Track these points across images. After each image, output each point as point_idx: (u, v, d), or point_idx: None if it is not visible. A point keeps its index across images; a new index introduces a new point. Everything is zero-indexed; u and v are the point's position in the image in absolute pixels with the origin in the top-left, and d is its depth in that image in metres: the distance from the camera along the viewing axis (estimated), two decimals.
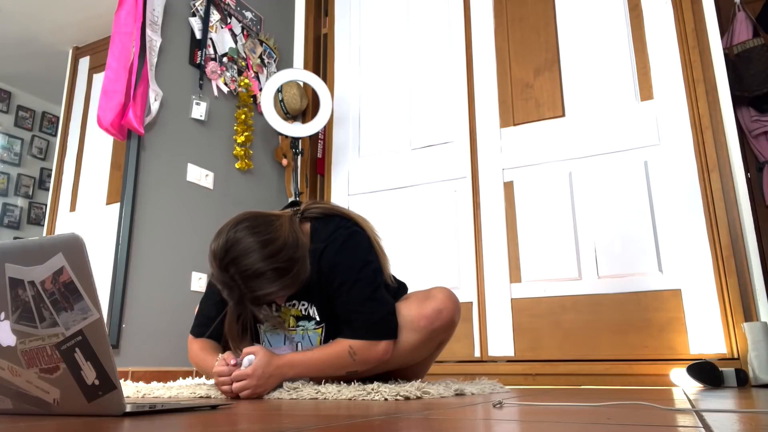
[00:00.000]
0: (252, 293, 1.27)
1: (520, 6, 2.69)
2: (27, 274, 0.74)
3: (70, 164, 2.40)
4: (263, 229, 1.30)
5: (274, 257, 1.26)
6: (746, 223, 2.08)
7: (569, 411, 0.87)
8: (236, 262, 1.25)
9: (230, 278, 1.26)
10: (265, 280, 1.26)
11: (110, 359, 0.74)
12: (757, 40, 2.82)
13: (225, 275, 1.26)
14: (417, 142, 2.78)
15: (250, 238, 1.27)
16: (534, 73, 2.59)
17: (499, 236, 2.47)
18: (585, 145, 2.41)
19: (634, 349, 2.15)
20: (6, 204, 2.51)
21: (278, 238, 1.30)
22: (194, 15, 2.57)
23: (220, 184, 2.59)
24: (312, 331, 1.42)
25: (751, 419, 0.76)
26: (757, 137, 2.91)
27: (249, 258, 1.25)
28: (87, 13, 2.45)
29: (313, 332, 1.43)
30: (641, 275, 2.20)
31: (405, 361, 1.46)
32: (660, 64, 2.33)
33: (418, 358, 1.48)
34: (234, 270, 1.25)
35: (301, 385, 1.31)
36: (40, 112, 2.70)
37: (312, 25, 3.24)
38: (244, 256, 1.25)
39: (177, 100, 2.43)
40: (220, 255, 1.26)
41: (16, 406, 0.81)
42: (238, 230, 1.28)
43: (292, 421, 0.74)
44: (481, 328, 2.41)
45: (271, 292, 1.28)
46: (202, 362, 1.43)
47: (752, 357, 1.89)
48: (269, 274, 1.26)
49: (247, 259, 1.25)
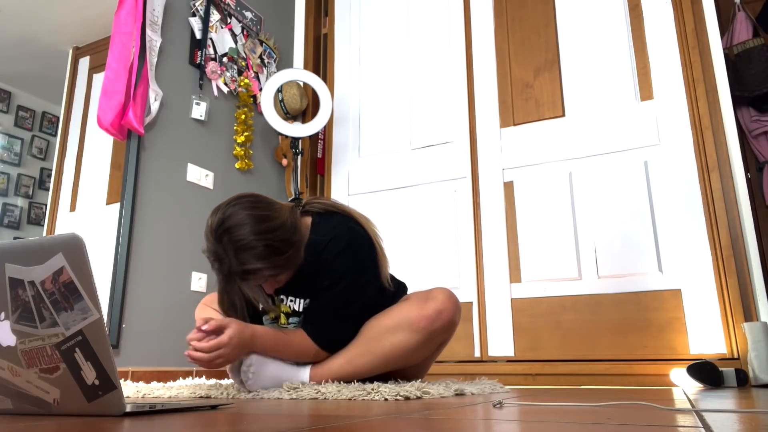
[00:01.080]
0: (241, 266, 1.27)
1: (520, 6, 2.69)
2: (27, 274, 0.74)
3: (70, 164, 2.40)
4: (263, 206, 1.33)
5: (268, 234, 1.28)
6: (746, 223, 2.08)
7: (569, 411, 0.87)
8: (230, 231, 1.27)
9: (222, 249, 1.27)
10: (255, 254, 1.27)
11: (110, 359, 0.74)
12: (757, 40, 2.82)
13: (218, 245, 1.28)
14: (417, 142, 2.78)
15: (248, 212, 1.29)
16: (534, 73, 2.59)
17: (499, 236, 2.47)
18: (585, 145, 2.41)
19: (634, 349, 2.15)
20: (6, 204, 2.51)
21: (276, 218, 1.32)
22: (194, 15, 2.57)
23: (220, 184, 2.59)
24: None
25: (751, 419, 0.76)
26: (757, 137, 2.91)
27: (243, 230, 1.27)
28: (87, 13, 2.45)
29: None
30: (641, 275, 2.20)
31: (405, 362, 1.45)
32: (660, 64, 2.33)
33: (419, 358, 1.48)
34: (227, 239, 1.27)
35: (301, 385, 1.32)
36: (40, 112, 2.70)
37: (312, 25, 3.24)
38: (239, 227, 1.27)
39: (177, 100, 2.43)
40: (215, 226, 1.28)
41: (16, 406, 0.81)
42: (237, 204, 1.31)
43: (292, 421, 0.74)
44: (481, 328, 2.41)
45: (259, 268, 1.28)
46: (198, 313, 1.53)
47: (752, 357, 1.89)
48: (260, 249, 1.27)
49: (241, 230, 1.27)
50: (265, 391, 1.30)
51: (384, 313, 1.46)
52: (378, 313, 1.47)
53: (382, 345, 1.41)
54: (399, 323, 1.41)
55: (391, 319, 1.43)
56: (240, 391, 1.33)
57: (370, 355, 1.41)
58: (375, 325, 1.44)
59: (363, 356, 1.42)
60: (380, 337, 1.42)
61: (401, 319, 1.40)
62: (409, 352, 1.41)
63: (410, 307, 1.42)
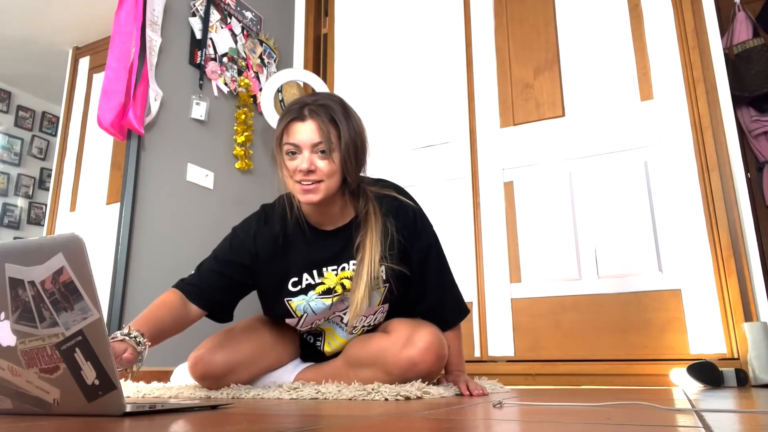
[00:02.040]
0: (316, 104, 1.35)
1: (520, 6, 2.69)
2: (27, 274, 0.74)
3: (70, 164, 2.40)
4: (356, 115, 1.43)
5: (350, 118, 1.38)
6: (746, 223, 2.08)
7: (569, 411, 0.86)
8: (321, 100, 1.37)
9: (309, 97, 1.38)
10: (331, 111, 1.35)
11: (110, 359, 0.74)
12: (757, 40, 2.81)
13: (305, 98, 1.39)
14: (417, 142, 2.78)
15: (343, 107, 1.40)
16: (534, 73, 2.59)
17: (499, 236, 2.47)
18: (585, 145, 2.41)
19: (634, 349, 2.15)
20: (6, 204, 2.51)
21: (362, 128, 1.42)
22: (194, 15, 2.57)
23: (220, 184, 2.59)
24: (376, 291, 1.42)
25: (751, 419, 0.76)
26: (757, 137, 2.91)
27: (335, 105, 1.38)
28: (87, 13, 2.45)
29: (377, 291, 1.43)
30: (641, 275, 2.20)
31: None
32: (660, 64, 2.33)
33: None
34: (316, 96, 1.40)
35: (301, 385, 1.32)
36: (40, 112, 2.70)
37: (312, 25, 3.24)
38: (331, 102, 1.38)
39: (177, 100, 2.43)
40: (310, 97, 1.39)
41: (16, 406, 0.81)
42: None
43: (292, 421, 0.74)
44: (481, 328, 2.41)
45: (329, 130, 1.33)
46: (145, 311, 1.37)
47: (752, 357, 1.88)
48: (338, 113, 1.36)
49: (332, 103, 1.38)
50: (265, 391, 1.30)
51: (368, 341, 1.43)
52: (364, 336, 1.47)
53: (357, 375, 1.40)
54: (375, 360, 1.37)
55: (370, 352, 1.39)
56: None
57: (347, 378, 1.42)
58: (357, 352, 1.43)
59: (342, 377, 1.43)
60: (358, 366, 1.41)
61: (377, 356, 1.36)
62: None
63: (389, 347, 1.36)
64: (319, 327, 1.52)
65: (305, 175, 1.33)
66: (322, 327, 1.52)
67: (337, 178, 1.35)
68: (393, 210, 1.45)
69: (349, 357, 1.44)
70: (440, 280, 1.50)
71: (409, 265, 1.45)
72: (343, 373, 1.43)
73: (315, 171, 1.33)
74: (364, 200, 1.45)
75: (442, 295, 1.51)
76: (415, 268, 1.46)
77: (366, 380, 1.37)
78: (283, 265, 1.44)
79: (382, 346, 1.38)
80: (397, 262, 1.42)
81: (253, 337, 1.50)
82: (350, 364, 1.43)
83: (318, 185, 1.33)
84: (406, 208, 1.48)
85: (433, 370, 1.36)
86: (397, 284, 1.44)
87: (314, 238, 1.45)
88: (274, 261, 1.44)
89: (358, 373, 1.40)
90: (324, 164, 1.33)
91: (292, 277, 1.43)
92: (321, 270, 1.43)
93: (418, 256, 1.46)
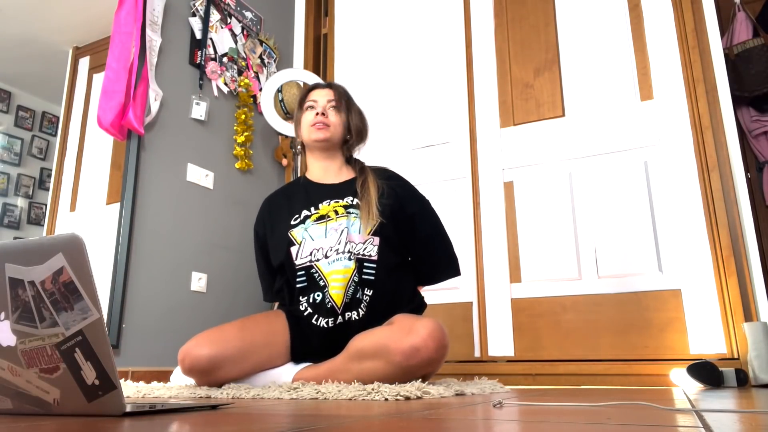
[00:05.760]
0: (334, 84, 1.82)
1: (520, 6, 2.69)
2: (27, 274, 0.74)
3: (70, 164, 2.40)
4: None
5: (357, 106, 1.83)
6: (746, 223, 2.08)
7: (569, 411, 0.87)
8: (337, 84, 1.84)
9: None
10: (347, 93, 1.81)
11: (110, 359, 0.74)
12: (757, 40, 2.82)
13: None
14: (417, 142, 2.78)
15: None
16: (534, 73, 2.59)
17: (499, 236, 2.47)
18: (585, 145, 2.41)
19: (634, 349, 2.15)
20: (6, 204, 2.51)
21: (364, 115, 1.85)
22: (194, 15, 2.57)
23: (220, 184, 2.59)
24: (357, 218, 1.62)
25: (751, 419, 0.76)
26: (757, 137, 2.91)
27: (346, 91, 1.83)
28: (87, 13, 2.45)
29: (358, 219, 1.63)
30: (641, 275, 2.20)
31: None
32: (660, 64, 2.33)
33: None
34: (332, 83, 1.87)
35: (300, 385, 1.32)
36: (40, 112, 2.70)
37: (312, 25, 3.24)
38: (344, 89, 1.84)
39: (177, 100, 2.43)
40: None
41: (16, 406, 0.81)
42: None
43: (292, 420, 0.74)
44: (481, 328, 2.41)
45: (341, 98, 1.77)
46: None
47: (752, 357, 1.89)
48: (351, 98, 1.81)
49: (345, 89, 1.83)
50: (265, 391, 1.30)
51: (371, 333, 1.45)
52: (368, 330, 1.48)
53: (360, 368, 1.41)
54: (378, 350, 1.38)
55: (373, 341, 1.41)
56: None
57: (348, 374, 1.42)
58: (360, 343, 1.44)
59: (342, 373, 1.44)
60: (360, 359, 1.42)
61: (381, 346, 1.37)
62: (382, 381, 1.35)
63: (392, 335, 1.38)
64: (317, 266, 1.57)
65: (318, 116, 1.71)
66: (319, 266, 1.56)
67: (341, 131, 1.75)
68: (386, 176, 1.75)
69: (352, 350, 1.45)
70: (437, 230, 1.76)
71: (403, 215, 1.68)
72: (343, 368, 1.44)
73: (326, 116, 1.72)
74: (361, 168, 1.77)
75: (439, 244, 1.76)
76: (409, 218, 1.69)
77: (368, 373, 1.38)
78: (287, 209, 1.71)
79: (385, 335, 1.40)
80: (390, 204, 1.65)
81: (242, 334, 1.51)
82: (353, 357, 1.44)
83: (327, 127, 1.71)
84: (398, 175, 1.80)
85: (434, 357, 1.36)
86: (388, 220, 1.63)
87: (315, 188, 1.74)
88: (280, 209, 1.73)
89: (360, 366, 1.40)
90: (334, 114, 1.74)
91: (294, 215, 1.68)
92: (317, 205, 1.67)
93: (413, 208, 1.72)
